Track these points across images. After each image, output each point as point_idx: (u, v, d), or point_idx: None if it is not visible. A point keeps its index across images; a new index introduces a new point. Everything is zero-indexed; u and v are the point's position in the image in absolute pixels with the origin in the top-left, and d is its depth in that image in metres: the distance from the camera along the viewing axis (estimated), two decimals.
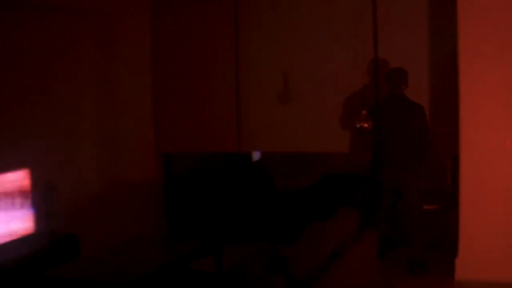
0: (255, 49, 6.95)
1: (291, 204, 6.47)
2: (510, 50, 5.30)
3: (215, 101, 7.06)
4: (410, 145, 5.92)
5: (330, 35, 6.69)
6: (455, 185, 5.77)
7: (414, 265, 5.83)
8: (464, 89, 5.39)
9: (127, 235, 6.25)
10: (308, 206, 6.30)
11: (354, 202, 6.54)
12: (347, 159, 6.79)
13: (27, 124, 5.83)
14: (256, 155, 6.97)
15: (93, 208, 6.43)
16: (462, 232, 5.51)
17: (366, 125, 5.99)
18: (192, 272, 5.39)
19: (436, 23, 6.41)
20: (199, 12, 6.97)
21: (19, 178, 5.34)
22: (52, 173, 5.86)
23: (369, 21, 6.24)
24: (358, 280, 5.80)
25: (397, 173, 5.94)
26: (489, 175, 5.40)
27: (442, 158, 6.34)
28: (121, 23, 6.66)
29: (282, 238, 5.88)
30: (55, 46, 6.12)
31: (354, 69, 6.49)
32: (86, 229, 6.03)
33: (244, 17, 6.86)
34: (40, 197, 5.52)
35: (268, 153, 6.92)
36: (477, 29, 5.34)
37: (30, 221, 5.42)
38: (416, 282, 5.65)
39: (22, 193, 5.35)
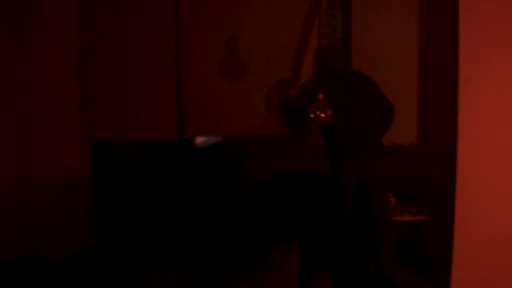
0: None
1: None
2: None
3: (150, 79, 5.70)
4: (371, 126, 4.98)
5: None
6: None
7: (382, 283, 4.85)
8: (464, 72, 4.40)
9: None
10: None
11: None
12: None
13: None
14: (201, 142, 5.93)
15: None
16: (457, 247, 4.52)
17: (323, 114, 4.80)
18: None
19: None
20: None
21: None
22: None
23: None
24: None
25: (361, 165, 4.93)
26: (493, 176, 4.45)
27: (432, 155, 5.34)
28: None
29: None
30: None
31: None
32: None
33: None
34: None
35: (214, 138, 5.91)
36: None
37: None
38: None
39: None
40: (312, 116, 4.76)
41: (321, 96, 4.72)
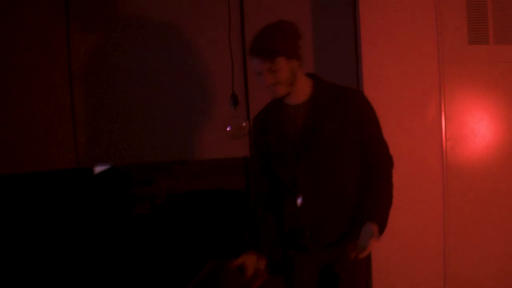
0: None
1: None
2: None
3: (46, 105, 5.63)
4: (350, 181, 3.40)
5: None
6: None
7: None
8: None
9: None
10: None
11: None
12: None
13: None
14: (100, 169, 5.91)
15: None
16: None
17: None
18: None
19: None
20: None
21: None
22: None
23: None
24: None
25: (326, 254, 3.42)
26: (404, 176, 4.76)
27: None
28: None
29: None
30: None
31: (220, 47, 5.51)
32: None
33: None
34: None
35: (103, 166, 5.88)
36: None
37: None
38: None
39: None
40: (228, 129, 4.86)
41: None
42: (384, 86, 4.72)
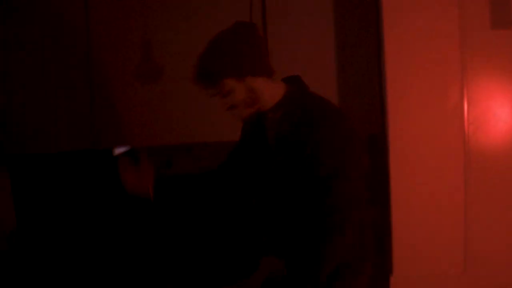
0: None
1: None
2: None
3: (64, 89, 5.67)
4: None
5: None
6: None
7: None
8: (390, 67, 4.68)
9: None
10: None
11: None
12: None
13: None
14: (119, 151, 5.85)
15: None
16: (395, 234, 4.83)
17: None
18: None
19: None
20: None
21: None
22: None
23: None
24: None
25: None
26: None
27: None
28: None
29: None
30: None
31: None
32: None
33: None
34: None
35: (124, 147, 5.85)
36: None
37: None
38: None
39: None
40: None
41: None
42: (407, 70, 4.70)
